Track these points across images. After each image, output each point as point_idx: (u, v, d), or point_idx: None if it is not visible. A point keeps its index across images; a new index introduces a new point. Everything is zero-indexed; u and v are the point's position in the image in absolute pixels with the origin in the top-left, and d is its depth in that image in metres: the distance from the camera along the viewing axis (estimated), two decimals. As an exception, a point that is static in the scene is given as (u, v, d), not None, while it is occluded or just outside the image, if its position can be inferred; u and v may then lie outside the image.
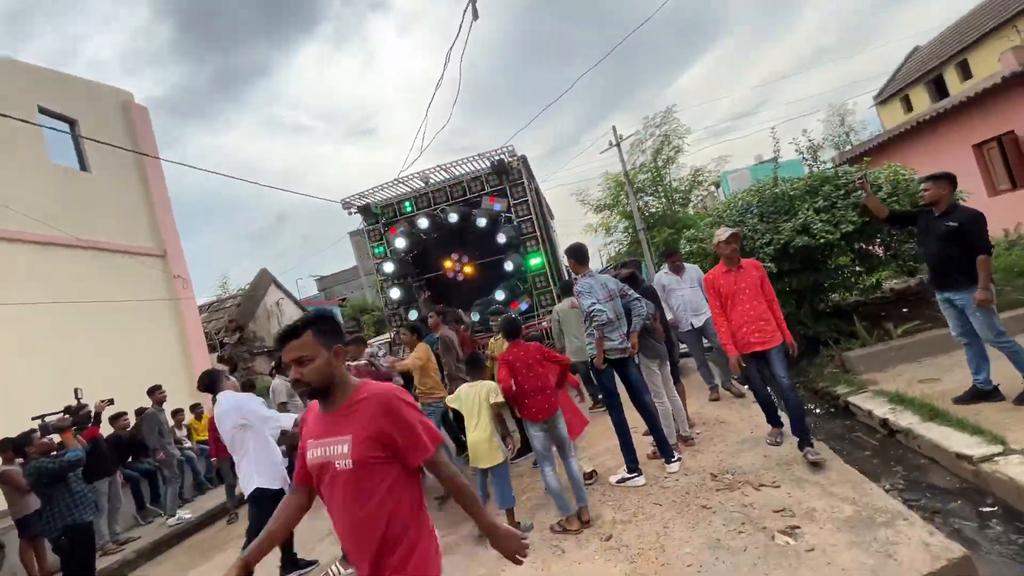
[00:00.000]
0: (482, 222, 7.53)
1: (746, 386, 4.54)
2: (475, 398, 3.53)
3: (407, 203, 8.27)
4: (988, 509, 2.67)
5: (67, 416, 4.56)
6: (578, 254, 3.82)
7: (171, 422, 6.62)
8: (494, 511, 3.41)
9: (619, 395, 3.71)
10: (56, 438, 3.96)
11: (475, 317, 7.46)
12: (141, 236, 9.34)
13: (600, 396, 5.66)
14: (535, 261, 7.69)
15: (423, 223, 7.85)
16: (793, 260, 4.97)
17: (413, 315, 7.90)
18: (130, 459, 6.10)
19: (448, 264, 8.40)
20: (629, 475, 3.63)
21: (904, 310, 5.25)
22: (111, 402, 4.94)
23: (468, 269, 8.39)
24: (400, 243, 8.00)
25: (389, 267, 8.08)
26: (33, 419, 4.45)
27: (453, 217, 7.71)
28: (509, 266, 7.49)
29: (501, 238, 7.53)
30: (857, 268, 5.32)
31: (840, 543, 2.50)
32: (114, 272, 8.43)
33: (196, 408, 7.22)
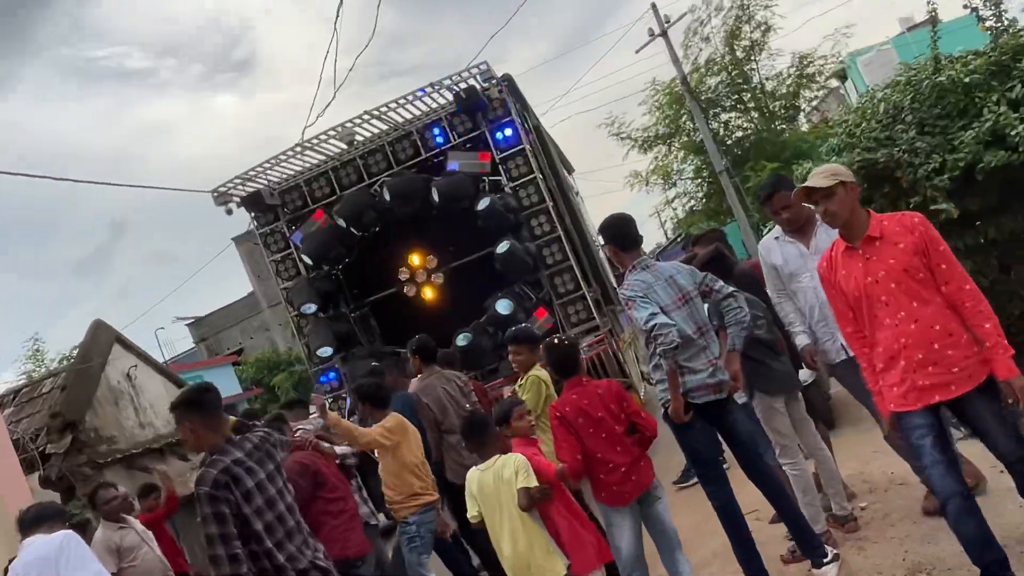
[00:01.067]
0: (437, 194, 7.60)
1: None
2: (494, 488, 3.60)
3: (321, 180, 8.36)
4: None
5: None
6: (619, 233, 3.89)
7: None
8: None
9: (720, 460, 3.76)
10: None
11: (462, 342, 7.54)
12: None
13: (687, 468, 5.68)
14: (548, 250, 7.79)
15: (348, 214, 7.97)
16: (987, 192, 4.94)
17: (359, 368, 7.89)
18: None
19: (404, 273, 8.48)
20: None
21: None
22: None
23: (436, 278, 8.45)
24: (310, 249, 8.10)
25: (305, 297, 8.13)
26: None
27: (385, 195, 7.85)
28: (507, 255, 7.50)
29: (488, 215, 7.58)
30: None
31: None
32: None
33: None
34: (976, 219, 4.95)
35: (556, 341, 3.89)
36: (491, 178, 7.97)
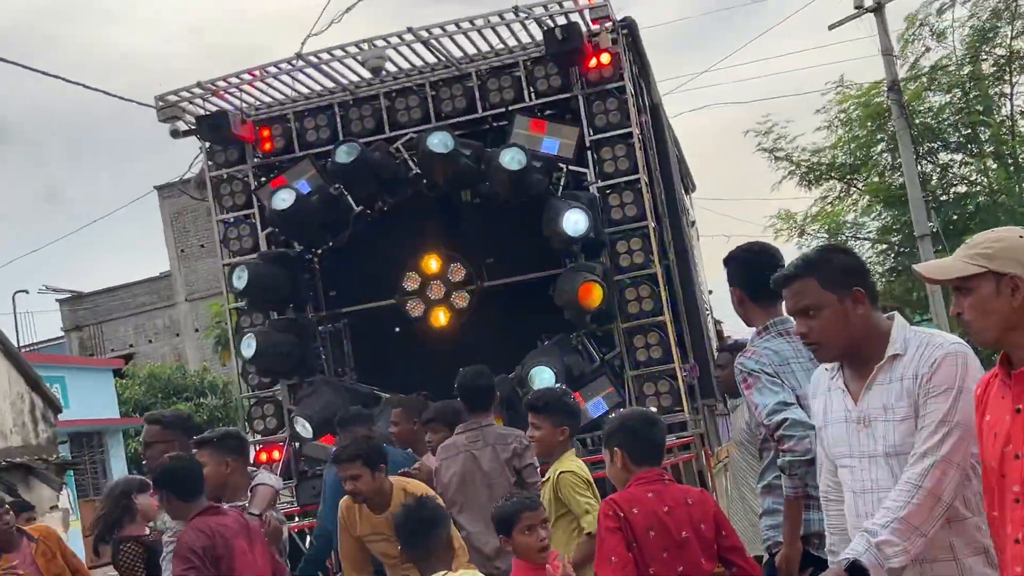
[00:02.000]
0: (512, 162, 7.76)
1: None
2: None
3: (320, 117, 8.77)
4: None
5: None
6: (757, 271, 4.03)
7: None
8: None
9: None
10: None
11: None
12: None
13: None
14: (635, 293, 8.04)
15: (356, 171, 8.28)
16: None
17: (301, 426, 8.23)
18: None
19: (413, 281, 8.79)
20: None
21: None
22: None
23: (458, 298, 8.77)
24: (285, 208, 8.29)
25: (239, 277, 8.35)
26: None
27: (437, 144, 7.90)
28: (576, 301, 7.71)
29: (576, 224, 7.75)
30: None
31: None
32: None
33: None
34: None
35: (633, 412, 4.15)
36: (572, 167, 8.27)
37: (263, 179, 8.87)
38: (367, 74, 8.57)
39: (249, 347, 8.29)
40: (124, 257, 70.60)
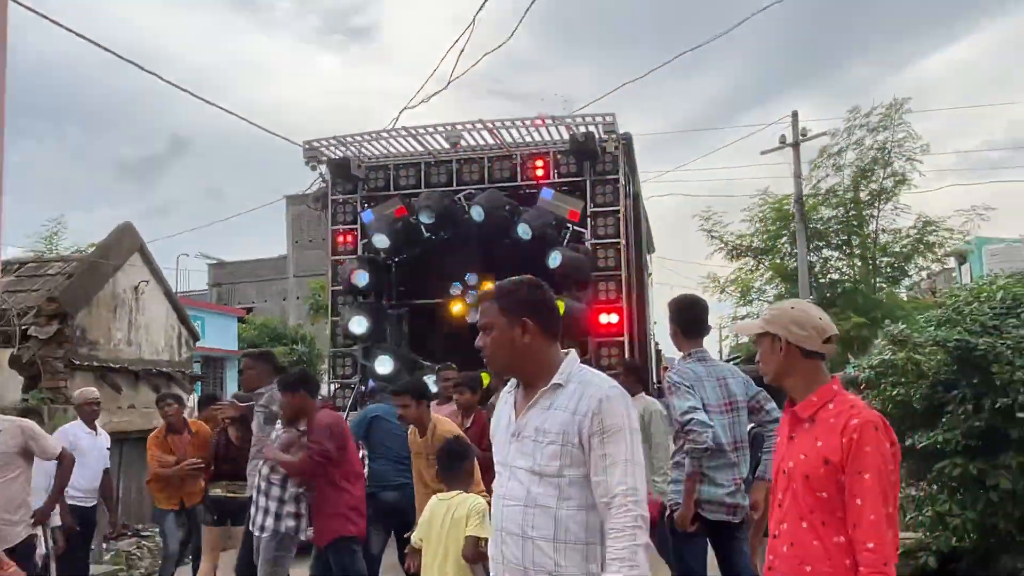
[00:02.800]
0: (527, 232, 8.17)
1: None
2: (444, 520, 3.70)
3: (410, 170, 9.02)
4: None
5: None
6: (688, 316, 4.05)
7: None
8: None
9: None
10: None
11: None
12: None
13: None
14: (607, 319, 8.24)
15: (428, 211, 8.54)
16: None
17: (384, 366, 8.47)
18: None
19: (457, 289, 9.09)
20: None
21: None
22: None
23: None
24: (382, 238, 8.66)
25: (362, 277, 8.64)
26: None
27: (477, 214, 8.35)
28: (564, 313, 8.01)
29: (562, 265, 8.05)
30: None
31: None
32: None
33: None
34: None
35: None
36: (576, 227, 8.48)
37: (365, 205, 9.06)
38: (446, 144, 8.82)
39: (360, 324, 8.50)
40: (256, 240, 71.41)
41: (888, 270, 22.75)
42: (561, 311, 7.63)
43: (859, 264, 22.55)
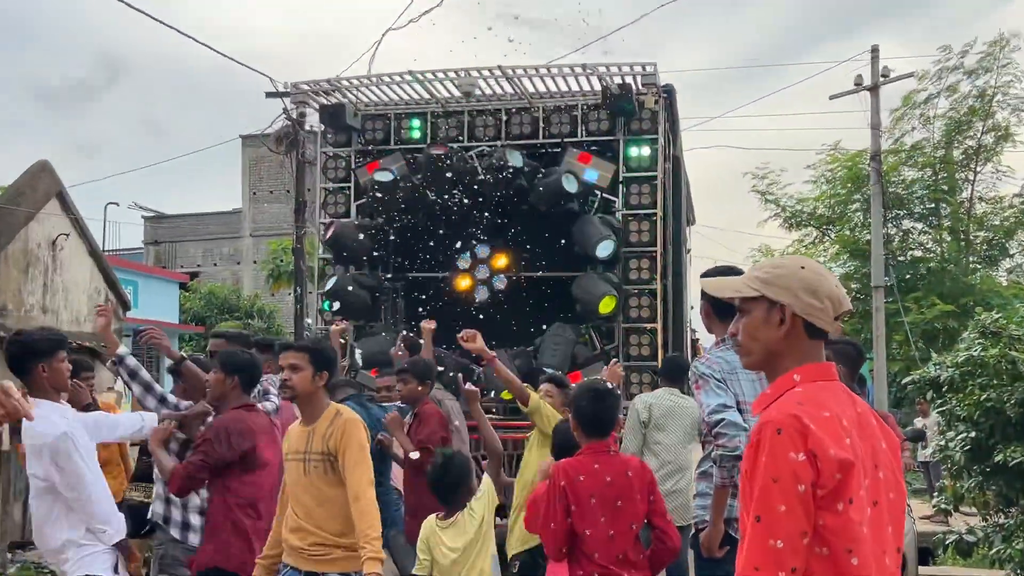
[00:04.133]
0: (573, 185, 8.48)
1: None
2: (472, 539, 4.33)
3: (414, 121, 9.34)
4: None
5: None
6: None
7: None
8: None
9: None
10: None
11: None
12: None
13: None
14: (638, 303, 8.63)
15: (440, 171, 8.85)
16: None
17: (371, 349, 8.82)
18: None
19: (465, 262, 9.39)
20: None
21: None
22: None
23: (498, 282, 9.37)
24: (385, 173, 8.99)
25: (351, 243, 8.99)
26: None
27: (516, 159, 8.63)
28: (609, 305, 8.37)
29: (605, 248, 8.42)
30: None
31: None
32: None
33: None
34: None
35: (584, 387, 4.14)
36: (605, 194, 8.82)
37: (361, 161, 9.41)
38: (457, 93, 9.15)
39: (333, 296, 8.95)
40: (203, 190, 71.21)
41: (984, 248, 22.87)
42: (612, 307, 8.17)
43: (948, 239, 22.48)
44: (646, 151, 8.82)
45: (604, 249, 8.39)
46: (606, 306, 8.36)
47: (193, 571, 4.57)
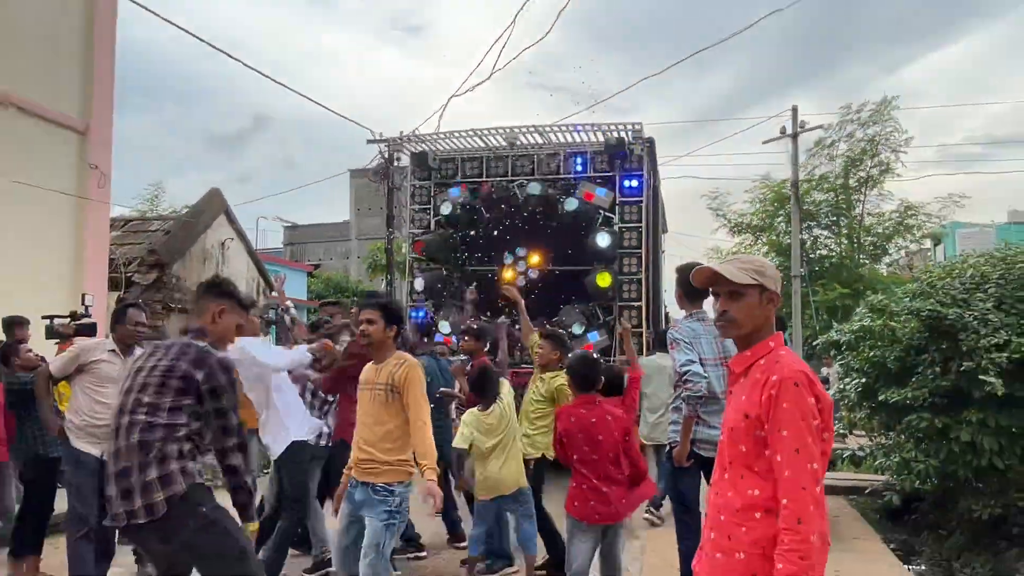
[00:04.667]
0: (571, 205, 8.65)
1: None
2: (502, 419, 4.28)
3: (474, 162, 9.46)
4: None
5: (71, 324, 5.19)
6: (690, 281, 4.55)
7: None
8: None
9: (698, 512, 3.75)
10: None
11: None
12: (61, 95, 9.18)
13: (662, 501, 6.13)
14: (628, 288, 8.70)
15: (486, 190, 9.00)
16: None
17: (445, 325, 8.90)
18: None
19: (510, 258, 9.44)
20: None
21: None
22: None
23: (532, 267, 9.36)
24: (448, 211, 9.13)
25: (436, 247, 9.07)
26: (43, 318, 5.32)
27: (534, 189, 8.77)
28: (595, 283, 8.48)
29: (603, 239, 8.53)
30: None
31: None
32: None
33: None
34: (1015, 406, 4.91)
35: (576, 356, 4.04)
36: (606, 213, 8.86)
37: (438, 191, 9.44)
38: (504, 143, 9.24)
39: (420, 283, 9.13)
40: (323, 207, 72.30)
41: (871, 248, 22.74)
42: (608, 282, 8.26)
43: (845, 242, 22.57)
44: (635, 183, 8.85)
45: (602, 240, 8.49)
46: (603, 280, 8.42)
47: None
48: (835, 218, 22.40)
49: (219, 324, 2.93)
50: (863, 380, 6.06)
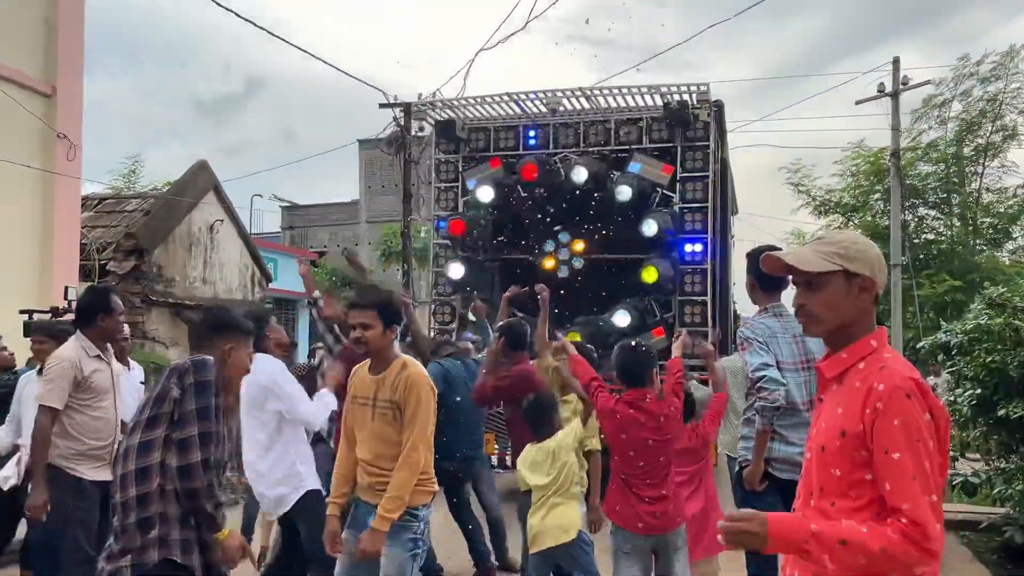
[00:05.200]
0: (624, 193, 8.62)
1: None
2: (554, 459, 4.12)
3: (509, 132, 9.50)
4: None
5: (52, 321, 5.45)
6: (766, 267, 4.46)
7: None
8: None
9: None
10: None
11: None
12: (21, 51, 9.11)
13: None
14: (692, 279, 8.71)
15: (529, 171, 8.97)
16: None
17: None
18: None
19: (551, 245, 9.45)
20: None
21: None
22: None
23: (576, 263, 9.39)
24: (484, 194, 9.22)
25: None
26: (21, 312, 5.68)
27: (580, 175, 8.79)
28: (652, 274, 8.46)
29: (650, 227, 8.51)
30: None
31: None
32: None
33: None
34: None
35: (619, 347, 3.98)
36: (665, 191, 8.87)
37: (467, 166, 9.58)
38: (544, 109, 9.30)
39: (457, 272, 9.24)
40: (328, 184, 72.93)
41: (990, 232, 22.27)
42: (655, 277, 8.23)
43: (958, 224, 22.15)
44: (699, 156, 8.85)
45: (648, 228, 8.47)
46: (649, 275, 8.43)
47: None
48: (945, 195, 21.97)
49: (231, 362, 3.09)
50: (979, 391, 6.01)
